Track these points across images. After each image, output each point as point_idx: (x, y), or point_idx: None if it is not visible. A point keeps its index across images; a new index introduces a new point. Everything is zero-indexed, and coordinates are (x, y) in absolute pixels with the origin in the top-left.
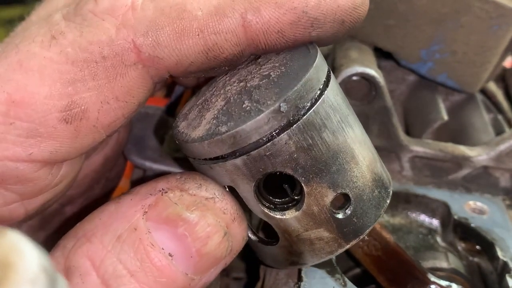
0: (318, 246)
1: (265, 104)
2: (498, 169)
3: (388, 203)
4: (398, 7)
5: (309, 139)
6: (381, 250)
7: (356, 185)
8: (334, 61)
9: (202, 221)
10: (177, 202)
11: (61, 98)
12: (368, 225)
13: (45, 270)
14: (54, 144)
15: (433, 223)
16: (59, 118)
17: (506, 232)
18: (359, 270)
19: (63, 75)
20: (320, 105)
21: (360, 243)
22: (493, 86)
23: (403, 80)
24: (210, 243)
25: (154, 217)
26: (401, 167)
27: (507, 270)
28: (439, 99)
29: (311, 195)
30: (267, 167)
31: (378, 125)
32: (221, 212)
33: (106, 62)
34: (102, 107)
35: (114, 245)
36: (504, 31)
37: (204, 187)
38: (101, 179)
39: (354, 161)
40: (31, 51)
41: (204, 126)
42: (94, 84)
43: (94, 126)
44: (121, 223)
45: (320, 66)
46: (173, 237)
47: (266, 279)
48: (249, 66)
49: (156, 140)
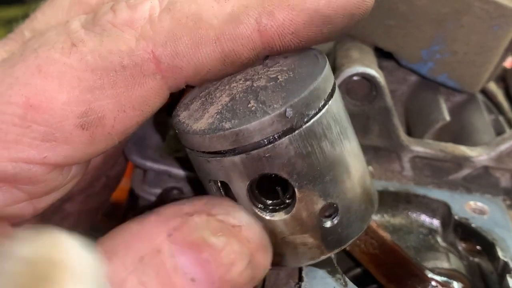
0: (301, 250)
1: (271, 107)
2: (499, 169)
3: (372, 217)
4: (398, 7)
5: (309, 146)
6: (378, 248)
7: (346, 197)
8: (335, 61)
9: (227, 247)
10: (203, 227)
11: (79, 105)
12: (352, 236)
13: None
14: (69, 149)
15: (434, 223)
16: (76, 124)
17: (507, 232)
18: (360, 270)
19: (82, 82)
20: (323, 115)
21: (358, 241)
22: (494, 86)
23: (404, 80)
24: (233, 270)
25: (179, 241)
26: (402, 167)
27: (507, 271)
28: (441, 100)
29: (302, 201)
30: (264, 168)
31: (379, 125)
32: (246, 241)
33: (125, 72)
34: (119, 115)
35: (136, 266)
36: (504, 31)
37: (232, 215)
38: (101, 176)
39: (347, 173)
40: (51, 57)
41: (206, 120)
42: (112, 92)
43: (109, 133)
44: (144, 244)
45: (327, 77)
46: (197, 262)
47: (267, 279)
48: (256, 66)
49: (158, 138)
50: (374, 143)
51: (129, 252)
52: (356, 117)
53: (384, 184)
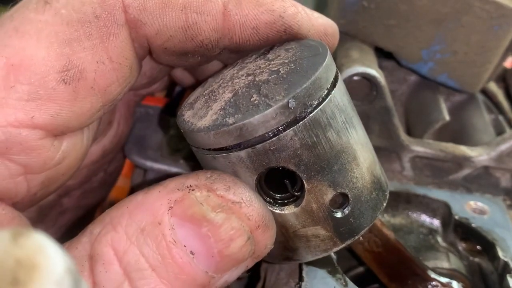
0: (314, 243)
1: (273, 99)
2: (499, 169)
3: (385, 205)
4: (399, 7)
5: (314, 137)
6: (381, 247)
7: (356, 186)
8: (335, 61)
9: (226, 223)
10: (203, 202)
11: (59, 59)
12: (364, 226)
13: (70, 272)
14: (54, 106)
15: (434, 223)
16: (58, 79)
17: (507, 232)
18: (360, 270)
19: (59, 36)
20: (327, 104)
21: (361, 239)
22: (494, 86)
23: (404, 80)
24: (232, 245)
25: (179, 214)
26: (402, 167)
27: (507, 270)
28: (440, 100)
29: (311, 193)
30: (270, 161)
31: (379, 125)
32: (246, 218)
33: (99, 22)
34: (98, 67)
35: (137, 237)
36: (504, 31)
37: (232, 190)
38: (99, 171)
39: (355, 162)
40: (26, 17)
41: (210, 117)
42: (89, 43)
43: (91, 87)
44: (146, 215)
45: (329, 66)
46: (196, 236)
47: (267, 279)
48: (258, 61)
49: (158, 138)
50: (374, 143)
51: (132, 223)
52: None
53: None
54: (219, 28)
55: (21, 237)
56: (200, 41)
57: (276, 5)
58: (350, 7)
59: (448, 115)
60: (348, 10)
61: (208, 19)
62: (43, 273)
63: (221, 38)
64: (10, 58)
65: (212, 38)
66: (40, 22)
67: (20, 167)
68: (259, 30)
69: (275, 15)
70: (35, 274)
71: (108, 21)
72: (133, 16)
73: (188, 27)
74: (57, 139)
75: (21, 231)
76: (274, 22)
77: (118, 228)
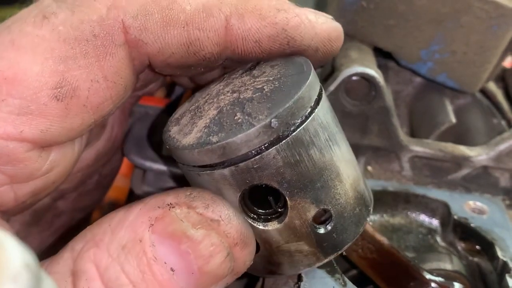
0: (297, 258)
1: (256, 119)
2: (498, 169)
3: (368, 220)
4: (398, 7)
5: (297, 155)
6: (375, 253)
7: (339, 202)
8: (334, 61)
9: (206, 239)
10: (183, 219)
11: (53, 75)
12: (347, 241)
13: (28, 267)
14: (45, 122)
15: (433, 223)
16: (50, 95)
17: (506, 232)
18: (359, 270)
19: (55, 52)
20: (309, 123)
21: (354, 246)
22: (493, 86)
23: (410, 81)
24: (212, 262)
25: (159, 231)
26: (401, 167)
27: (507, 270)
28: (446, 102)
29: (294, 209)
30: (253, 179)
31: (378, 125)
32: (224, 235)
33: (96, 41)
34: (92, 85)
35: (119, 254)
36: (503, 31)
37: (211, 208)
38: (93, 174)
39: (338, 178)
40: (24, 31)
41: (195, 134)
42: (84, 62)
43: (84, 105)
44: (127, 232)
45: (312, 85)
46: (176, 253)
47: (266, 279)
48: (244, 77)
49: (157, 139)
50: (373, 143)
51: (113, 240)
52: (355, 117)
53: (383, 184)
54: (222, 42)
55: None
56: (202, 55)
57: (279, 17)
58: (349, 7)
59: (454, 117)
60: (347, 10)
61: (210, 34)
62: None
63: (223, 51)
64: (4, 71)
65: (214, 52)
66: (37, 37)
67: (5, 177)
68: (262, 43)
69: (278, 28)
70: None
71: (106, 41)
72: (134, 37)
73: (190, 43)
74: (45, 150)
75: None
76: (277, 35)
77: (100, 245)
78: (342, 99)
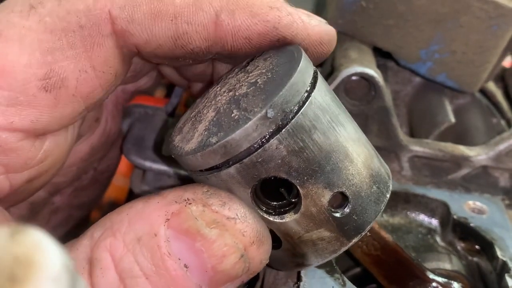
0: (321, 246)
1: (252, 112)
2: (498, 169)
3: (388, 197)
4: (397, 7)
5: (300, 142)
6: (380, 250)
7: (353, 183)
8: (334, 61)
9: (219, 240)
10: (198, 217)
11: (41, 67)
12: (369, 221)
13: (67, 269)
14: (35, 112)
15: (433, 223)
16: (39, 86)
17: (506, 232)
18: (358, 270)
19: (42, 44)
20: (307, 107)
21: (360, 242)
22: (493, 86)
23: (409, 81)
24: (225, 262)
25: (175, 226)
26: (401, 167)
27: (506, 270)
28: (446, 101)
29: (308, 197)
30: (260, 173)
31: (378, 125)
32: (240, 234)
33: (83, 32)
34: (80, 75)
35: (134, 245)
36: (503, 31)
37: (227, 206)
38: (88, 169)
39: (348, 159)
40: (11, 21)
41: (196, 139)
42: (72, 53)
43: (73, 95)
44: (143, 225)
45: (305, 69)
46: (190, 250)
47: (266, 279)
48: (239, 75)
49: (157, 138)
50: (373, 143)
51: (130, 231)
52: (354, 117)
53: None
54: (211, 38)
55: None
56: (190, 49)
57: (271, 15)
58: (349, 7)
59: (453, 117)
60: (346, 10)
61: (199, 29)
62: (40, 270)
63: (212, 46)
64: None
65: (203, 46)
66: (23, 28)
67: (1, 167)
68: (252, 40)
69: (269, 26)
70: (32, 271)
71: (93, 31)
72: (120, 27)
73: (178, 37)
74: (38, 139)
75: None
76: (267, 33)
77: (117, 234)
78: (341, 99)
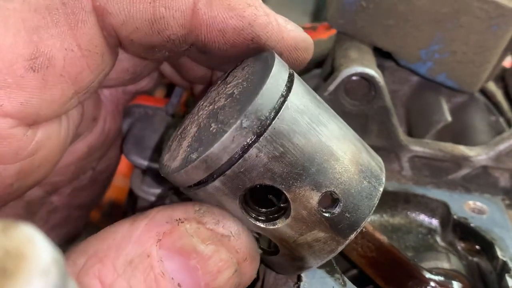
0: (318, 247)
1: (228, 124)
2: (498, 169)
3: (382, 190)
4: (397, 7)
5: (280, 147)
6: (375, 251)
7: (341, 181)
8: (334, 61)
9: (215, 255)
10: (193, 234)
11: (26, 46)
12: (363, 217)
13: (57, 264)
14: (24, 94)
15: (433, 223)
16: (26, 66)
17: (506, 232)
18: (359, 270)
19: (26, 23)
20: (284, 112)
21: (354, 245)
22: (493, 86)
23: (406, 80)
24: (220, 277)
25: (168, 246)
26: (401, 167)
27: (506, 270)
28: (442, 101)
29: (296, 200)
30: (245, 183)
31: (378, 125)
32: (234, 251)
33: (66, 9)
34: (67, 54)
35: (125, 269)
36: (503, 31)
37: (221, 224)
38: (86, 169)
39: (333, 157)
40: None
41: (180, 156)
42: (57, 31)
43: (61, 75)
44: (134, 248)
45: (278, 74)
46: (184, 268)
47: (266, 279)
48: (219, 87)
49: (157, 138)
50: (373, 143)
51: (119, 256)
52: (354, 117)
53: None
54: (187, 25)
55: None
56: (167, 35)
57: (248, 12)
58: (349, 7)
59: (450, 116)
60: (346, 10)
61: (176, 14)
62: (30, 263)
63: (188, 35)
64: None
65: (179, 34)
66: (7, 10)
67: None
68: (226, 34)
69: (244, 22)
70: (21, 263)
71: (76, 8)
72: (99, 4)
73: (155, 20)
74: (31, 129)
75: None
76: (242, 29)
77: (104, 260)
78: (341, 99)
